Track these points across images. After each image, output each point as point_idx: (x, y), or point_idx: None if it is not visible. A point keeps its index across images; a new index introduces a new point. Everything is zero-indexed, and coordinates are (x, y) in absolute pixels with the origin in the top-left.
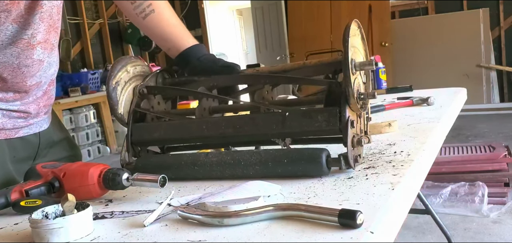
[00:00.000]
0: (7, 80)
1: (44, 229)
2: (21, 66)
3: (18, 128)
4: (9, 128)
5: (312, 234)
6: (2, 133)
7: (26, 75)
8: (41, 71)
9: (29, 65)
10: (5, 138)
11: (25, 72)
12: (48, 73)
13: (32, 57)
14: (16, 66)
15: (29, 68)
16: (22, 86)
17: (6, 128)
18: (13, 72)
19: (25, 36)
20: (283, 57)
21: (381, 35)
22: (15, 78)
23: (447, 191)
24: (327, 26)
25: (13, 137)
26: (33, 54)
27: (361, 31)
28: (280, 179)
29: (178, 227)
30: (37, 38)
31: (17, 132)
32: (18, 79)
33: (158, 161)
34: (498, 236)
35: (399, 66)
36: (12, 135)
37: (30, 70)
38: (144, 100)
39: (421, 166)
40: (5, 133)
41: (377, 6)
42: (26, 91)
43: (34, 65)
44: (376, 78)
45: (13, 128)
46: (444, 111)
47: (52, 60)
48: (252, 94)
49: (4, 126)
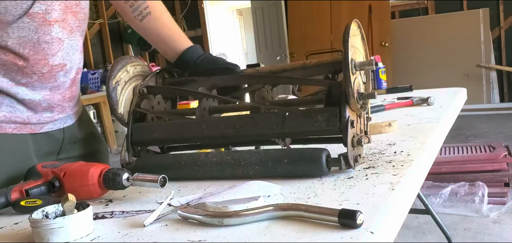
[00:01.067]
0: (29, 58)
1: (44, 229)
2: (41, 42)
3: (43, 123)
4: (34, 123)
5: (312, 234)
6: (27, 127)
7: (47, 52)
8: (63, 52)
9: (49, 41)
10: (30, 132)
11: (46, 48)
12: (72, 57)
13: (50, 34)
14: (36, 41)
15: (49, 45)
16: (44, 66)
17: (32, 123)
18: (34, 47)
19: (40, 11)
20: (283, 57)
21: (381, 35)
22: (36, 54)
23: (447, 191)
24: (327, 26)
25: (38, 131)
26: (51, 31)
27: (361, 31)
28: (280, 179)
29: (178, 227)
30: (52, 16)
31: (42, 127)
32: (40, 55)
33: (158, 161)
34: (498, 236)
35: (399, 66)
36: (37, 129)
37: (51, 47)
38: (144, 101)
39: (421, 166)
40: (30, 127)
41: (377, 6)
42: (50, 74)
43: (54, 43)
44: (376, 78)
45: (38, 123)
46: (444, 111)
47: (74, 44)
48: (252, 95)
49: (29, 120)
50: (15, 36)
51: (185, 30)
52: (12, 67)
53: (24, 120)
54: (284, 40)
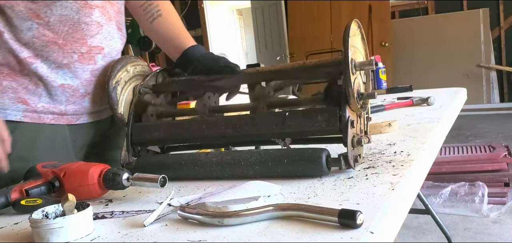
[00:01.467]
0: (68, 36)
1: (44, 228)
2: (81, 22)
3: (79, 114)
4: (71, 114)
5: (312, 234)
6: (64, 118)
7: (86, 33)
8: (101, 35)
9: (88, 23)
10: (67, 123)
11: (85, 29)
12: (110, 43)
13: (90, 16)
14: (76, 21)
15: (88, 27)
16: (83, 45)
17: (68, 114)
18: (74, 26)
19: None
20: (283, 57)
21: (381, 35)
22: (75, 33)
23: (447, 191)
24: (327, 26)
25: (74, 123)
26: (91, 14)
27: (361, 31)
28: (280, 179)
29: (178, 227)
30: (94, 0)
31: (78, 118)
32: (79, 35)
33: (158, 160)
34: (498, 236)
35: (399, 66)
36: (74, 121)
37: (90, 29)
38: (144, 101)
39: (421, 166)
40: (67, 118)
41: (377, 6)
42: (88, 54)
43: (93, 25)
44: (376, 78)
45: (74, 114)
46: (444, 111)
47: (111, 31)
48: (252, 95)
49: (66, 111)
50: (57, 13)
51: None
52: (53, 48)
53: (61, 111)
54: (284, 40)
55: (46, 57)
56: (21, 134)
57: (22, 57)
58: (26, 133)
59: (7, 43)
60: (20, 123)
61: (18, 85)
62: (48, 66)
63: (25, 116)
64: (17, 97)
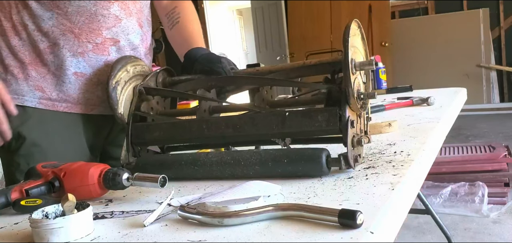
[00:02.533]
0: (83, 26)
1: (44, 229)
2: (98, 14)
3: (93, 105)
4: (84, 103)
5: (312, 234)
6: (78, 107)
7: (102, 24)
8: (119, 29)
9: (106, 16)
10: (81, 112)
11: (101, 21)
12: (128, 37)
13: (108, 9)
14: (93, 12)
15: (105, 19)
16: (98, 36)
17: (82, 102)
18: (90, 17)
19: None
20: (283, 57)
21: (381, 35)
22: (91, 23)
23: (447, 191)
24: (327, 26)
25: (89, 112)
26: (110, 7)
27: (361, 31)
28: (280, 179)
29: (178, 227)
30: None
31: (93, 108)
32: (94, 25)
33: (158, 160)
34: (498, 236)
35: (399, 66)
36: (88, 110)
37: (106, 21)
38: (144, 101)
39: (421, 166)
40: (81, 107)
41: (377, 6)
42: (103, 45)
43: (110, 18)
44: (376, 78)
45: (88, 103)
46: (444, 111)
47: (131, 26)
48: (252, 95)
49: (80, 100)
50: (75, 4)
51: None
52: (69, 36)
53: (74, 99)
54: (284, 40)
55: (62, 46)
56: (36, 121)
57: (41, 47)
58: (41, 119)
59: (31, 35)
60: (36, 109)
61: (37, 74)
62: (64, 54)
63: (40, 103)
64: (35, 85)
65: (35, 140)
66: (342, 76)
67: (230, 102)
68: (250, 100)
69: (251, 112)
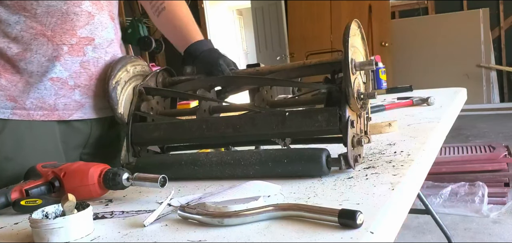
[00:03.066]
0: (56, 28)
1: (44, 229)
2: (70, 13)
3: (71, 110)
4: (62, 108)
5: (312, 234)
6: (55, 114)
7: (75, 23)
8: (92, 26)
9: (78, 13)
10: (58, 119)
11: (74, 20)
12: (102, 34)
13: (80, 6)
14: (64, 11)
15: (78, 17)
16: (72, 37)
17: (59, 109)
18: (62, 17)
19: None
20: (283, 57)
21: (381, 35)
22: (64, 23)
23: (447, 191)
24: (327, 26)
25: (66, 119)
26: (81, 4)
27: (361, 31)
28: (280, 179)
29: (178, 227)
30: None
31: (70, 114)
32: (67, 25)
33: (158, 160)
34: (498, 236)
35: (399, 66)
36: (65, 116)
37: (79, 19)
38: (144, 101)
39: (421, 166)
40: (58, 114)
41: (377, 6)
42: (78, 46)
43: (83, 15)
44: (376, 78)
45: (65, 109)
46: (444, 111)
47: (103, 21)
48: (252, 95)
49: (56, 106)
50: (44, 4)
51: None
52: (42, 40)
53: (51, 106)
54: (284, 40)
55: (35, 51)
56: (9, 133)
57: (10, 54)
58: (14, 132)
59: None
60: (8, 120)
61: (8, 82)
62: (38, 60)
63: (14, 114)
64: (6, 95)
65: (7, 154)
66: (342, 76)
67: (230, 102)
68: (250, 100)
69: (251, 112)
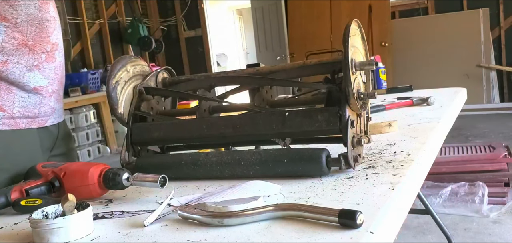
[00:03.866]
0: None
1: (44, 229)
2: (43, 20)
3: (47, 116)
4: (42, 116)
5: (312, 234)
6: (36, 121)
7: (49, 30)
8: (57, 31)
9: (49, 20)
10: (37, 126)
11: (47, 26)
12: (59, 37)
13: (49, 12)
14: (40, 19)
15: (49, 23)
16: (47, 44)
17: (40, 116)
18: (39, 25)
19: None
20: (283, 57)
21: (381, 35)
22: (41, 31)
23: (447, 191)
24: (327, 26)
25: (43, 125)
26: (49, 10)
27: (361, 31)
28: (280, 179)
29: (178, 227)
30: None
31: (47, 120)
32: (44, 33)
33: (158, 160)
34: (498, 236)
35: (399, 66)
36: (43, 123)
37: (50, 25)
38: (144, 101)
39: (421, 166)
40: (38, 121)
41: (377, 6)
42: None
43: (51, 21)
44: (376, 78)
45: (44, 115)
46: (444, 111)
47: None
48: (252, 95)
49: (38, 114)
50: (23, 13)
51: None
52: (24, 50)
53: (34, 114)
54: (284, 40)
55: (17, 61)
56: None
57: None
58: (4, 140)
59: None
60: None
61: None
62: (20, 70)
63: (3, 124)
64: None
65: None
66: (342, 76)
67: (230, 102)
68: (250, 100)
69: (251, 112)
